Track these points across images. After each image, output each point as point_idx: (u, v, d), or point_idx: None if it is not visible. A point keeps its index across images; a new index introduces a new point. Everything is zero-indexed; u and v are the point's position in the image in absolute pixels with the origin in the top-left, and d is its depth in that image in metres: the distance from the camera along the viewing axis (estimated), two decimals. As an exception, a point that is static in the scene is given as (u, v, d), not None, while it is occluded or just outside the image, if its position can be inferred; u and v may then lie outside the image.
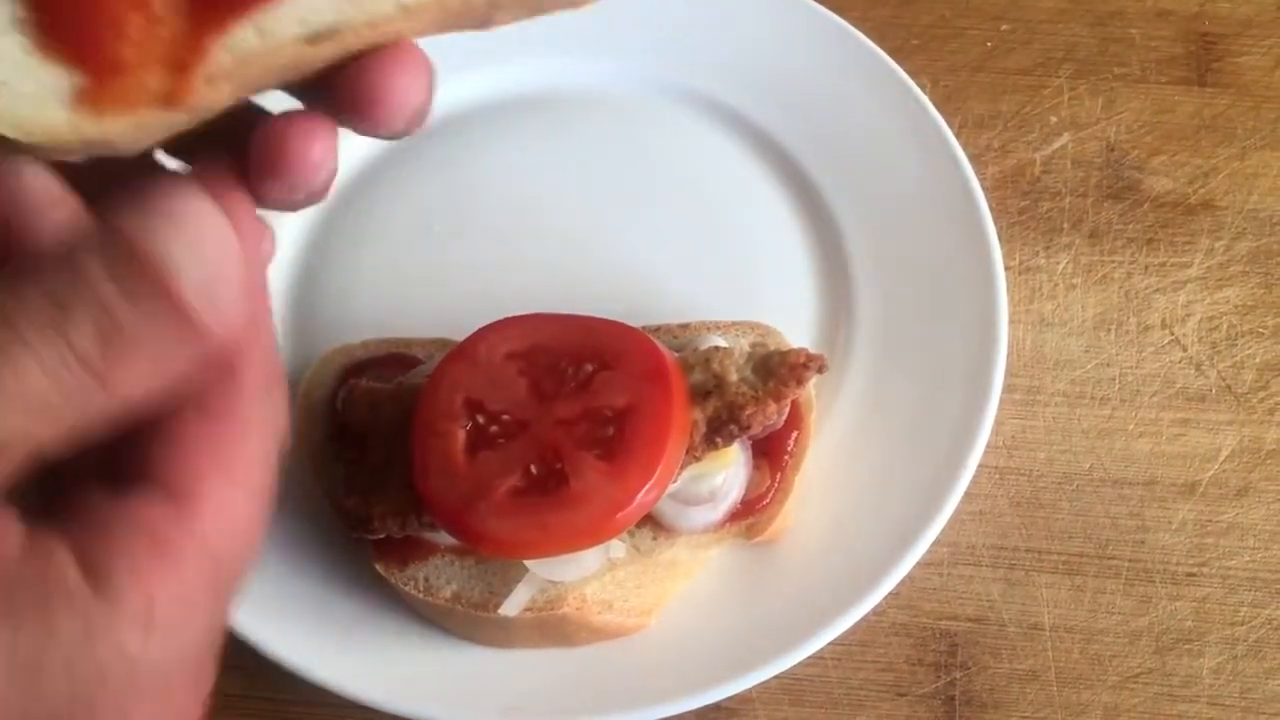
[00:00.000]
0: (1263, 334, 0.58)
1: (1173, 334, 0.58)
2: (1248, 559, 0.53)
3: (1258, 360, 0.57)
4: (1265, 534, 0.54)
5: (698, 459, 0.47)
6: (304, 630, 0.50)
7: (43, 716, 0.24)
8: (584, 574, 0.48)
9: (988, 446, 0.52)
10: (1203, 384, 0.57)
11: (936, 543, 0.50)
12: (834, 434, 0.54)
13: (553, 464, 0.46)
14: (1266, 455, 0.55)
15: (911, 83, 0.60)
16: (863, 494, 0.52)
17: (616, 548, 0.49)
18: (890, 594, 0.49)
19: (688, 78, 0.63)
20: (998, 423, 0.52)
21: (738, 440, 0.48)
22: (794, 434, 0.51)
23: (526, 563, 0.47)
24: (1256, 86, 0.65)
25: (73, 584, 0.24)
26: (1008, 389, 0.53)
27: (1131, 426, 0.56)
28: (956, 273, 0.56)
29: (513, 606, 0.48)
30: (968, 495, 0.51)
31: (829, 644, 0.48)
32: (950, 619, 0.52)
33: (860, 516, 0.51)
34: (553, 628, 0.49)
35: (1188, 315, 0.59)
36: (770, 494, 0.50)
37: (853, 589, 0.49)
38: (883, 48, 0.62)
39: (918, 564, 0.50)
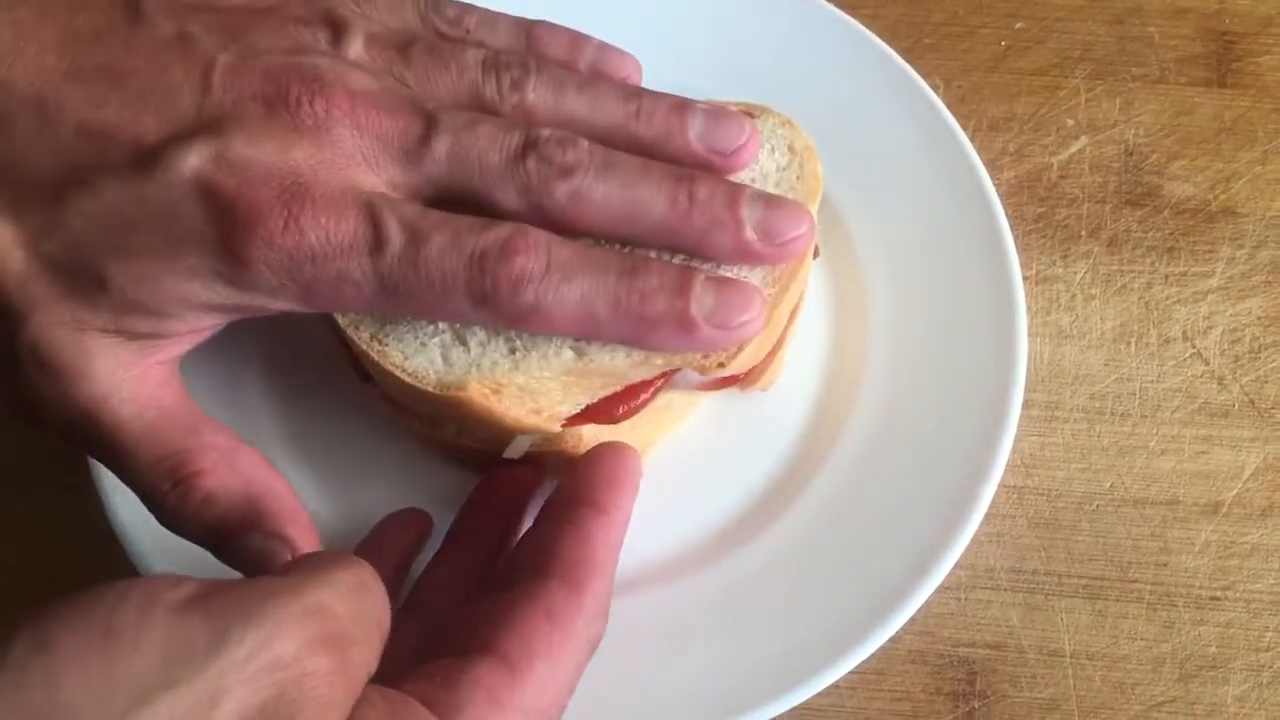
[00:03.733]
0: (1286, 347, 0.57)
1: (1194, 347, 0.57)
2: (1272, 582, 0.52)
3: (1281, 374, 0.56)
4: (1290, 556, 0.52)
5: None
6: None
7: None
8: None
9: (1005, 465, 0.50)
10: (1225, 399, 0.55)
11: (954, 566, 0.48)
12: (846, 453, 0.52)
13: None
14: (1291, 473, 0.54)
15: (926, 86, 0.58)
16: (877, 516, 0.50)
17: None
18: (907, 620, 0.48)
19: (693, 78, 0.61)
20: (1015, 440, 0.50)
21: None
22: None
23: None
24: (1278, 88, 0.63)
25: None
26: (1025, 404, 0.51)
27: (1153, 443, 0.54)
28: (972, 283, 0.54)
29: (516, 450, 0.49)
30: (985, 516, 0.49)
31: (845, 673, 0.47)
32: (968, 645, 0.51)
33: (876, 539, 0.50)
34: (550, 464, 0.51)
35: (1210, 327, 0.57)
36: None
37: (870, 616, 0.48)
38: (894, 47, 0.59)
39: (934, 588, 0.48)
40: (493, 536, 0.47)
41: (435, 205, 0.40)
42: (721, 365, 0.43)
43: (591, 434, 0.50)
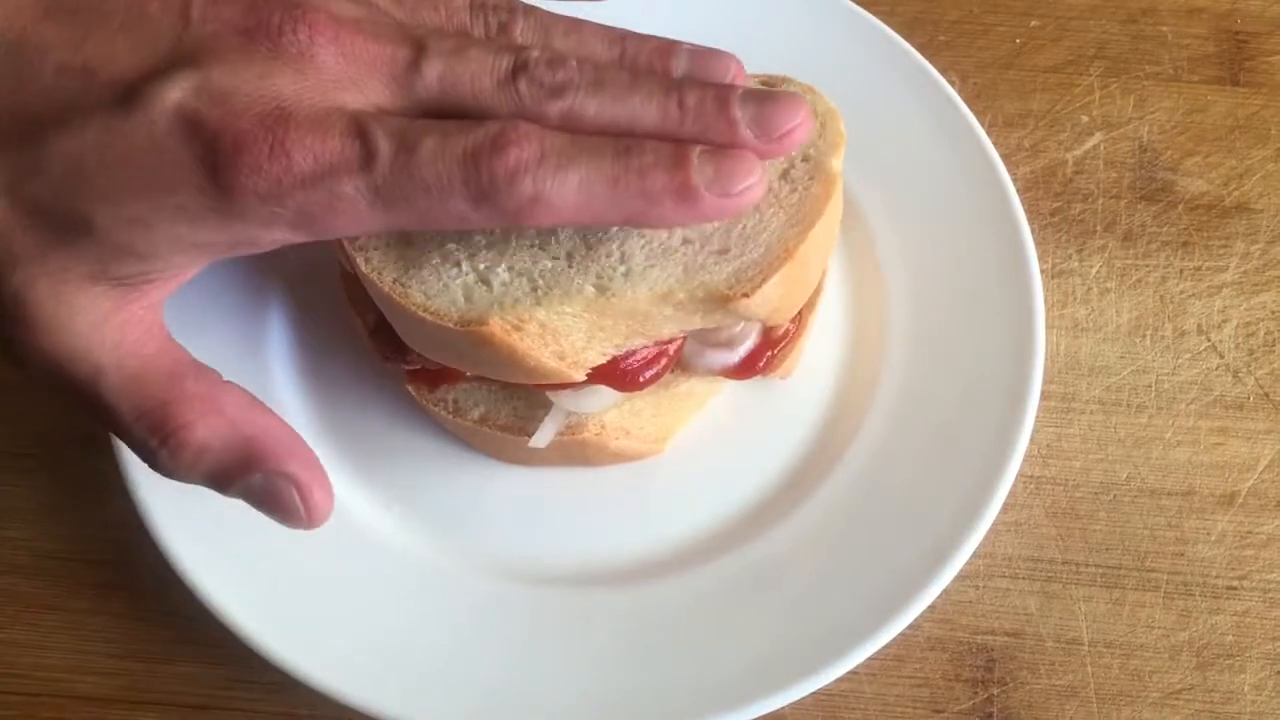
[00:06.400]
0: (1300, 341, 0.57)
1: (1209, 340, 0.57)
2: (1288, 572, 0.52)
3: (1296, 368, 0.56)
4: (1306, 546, 0.53)
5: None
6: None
7: None
8: (604, 405, 0.49)
9: (1023, 455, 0.50)
10: (1240, 392, 0.56)
11: (972, 555, 0.49)
12: (866, 442, 0.53)
13: None
14: (1306, 465, 0.54)
15: (944, 81, 0.58)
16: (897, 504, 0.51)
17: None
18: (926, 607, 0.48)
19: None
20: (1033, 431, 0.51)
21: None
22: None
23: (550, 395, 0.49)
24: (1291, 87, 0.63)
25: None
26: (1043, 396, 0.51)
27: (1169, 435, 0.55)
28: (991, 277, 0.54)
29: (542, 439, 0.50)
30: (1003, 506, 0.49)
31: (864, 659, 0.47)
32: (987, 633, 0.51)
33: (895, 527, 0.50)
34: (573, 451, 0.51)
35: (1224, 321, 0.57)
36: (789, 335, 0.51)
37: (890, 603, 0.48)
38: (910, 43, 0.60)
39: (953, 576, 0.48)
40: None
41: None
42: (745, 295, 0.44)
43: (615, 421, 0.51)
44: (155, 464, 0.37)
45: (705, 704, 0.47)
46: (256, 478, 0.37)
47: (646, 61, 0.41)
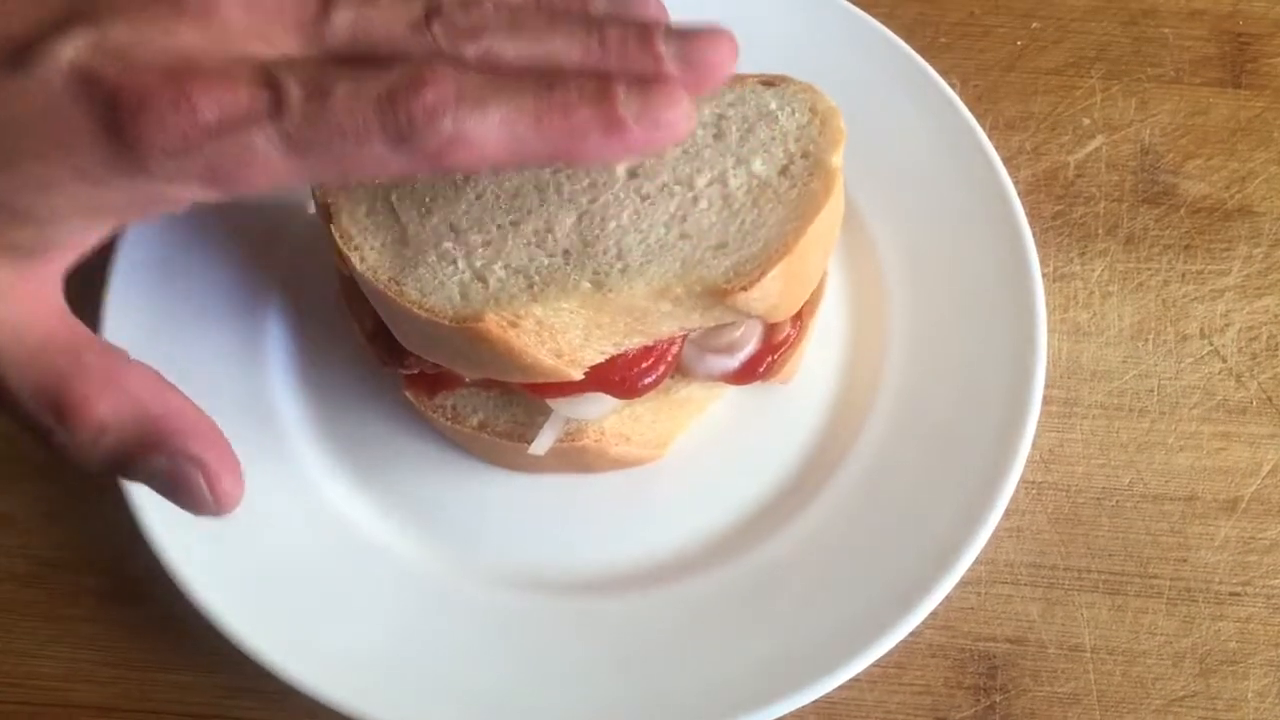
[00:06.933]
0: (1303, 344, 0.57)
1: (1212, 344, 0.57)
2: (1292, 577, 0.52)
3: (1299, 372, 0.56)
4: (1309, 552, 0.52)
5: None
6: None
7: None
8: (604, 412, 0.49)
9: (1025, 460, 0.50)
10: (1243, 396, 0.55)
11: (974, 560, 0.48)
12: (866, 447, 0.52)
13: None
14: (1309, 470, 0.54)
15: (944, 83, 0.58)
16: (898, 510, 0.51)
17: None
18: (927, 614, 0.48)
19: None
20: (1034, 436, 0.50)
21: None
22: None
23: (549, 401, 0.49)
24: (1293, 89, 0.63)
25: None
26: (1044, 400, 0.51)
27: (1171, 440, 0.55)
28: (992, 280, 0.54)
29: (541, 446, 0.49)
30: (1005, 511, 0.49)
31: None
32: (989, 640, 0.51)
33: (896, 534, 0.50)
34: (573, 457, 0.51)
35: (1227, 325, 0.57)
36: (789, 340, 0.50)
37: (891, 610, 0.48)
38: (910, 46, 0.60)
39: (955, 583, 0.48)
40: None
41: None
42: (744, 289, 0.43)
43: (615, 427, 0.51)
44: (52, 444, 0.35)
45: (706, 713, 0.46)
46: (160, 460, 0.35)
47: (564, 3, 0.39)
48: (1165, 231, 0.59)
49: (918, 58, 0.59)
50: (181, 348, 0.54)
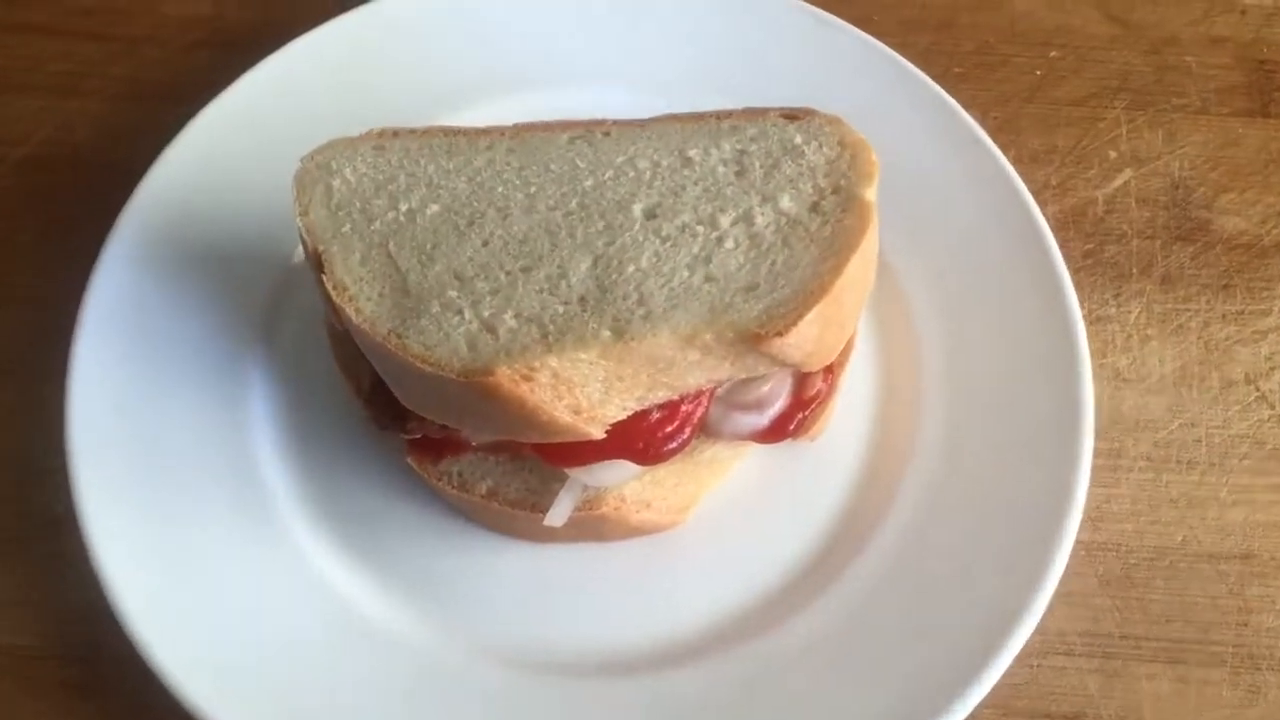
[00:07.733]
0: (1353, 388, 0.54)
1: (1258, 389, 0.54)
2: (1358, 640, 0.48)
3: (1350, 418, 0.53)
4: (1376, 612, 0.49)
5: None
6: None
7: None
8: (624, 478, 0.46)
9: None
10: (1295, 445, 0.52)
11: (1026, 631, 0.45)
12: (904, 508, 0.49)
13: None
14: (1369, 523, 0.51)
15: (970, 118, 0.55)
16: (942, 579, 0.47)
17: None
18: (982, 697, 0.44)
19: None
20: (1081, 492, 0.47)
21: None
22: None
23: (566, 469, 0.45)
24: (1324, 118, 0.61)
25: None
26: (1089, 454, 0.48)
27: (1223, 494, 0.51)
28: (1030, 325, 0.51)
29: (558, 517, 0.46)
30: (1055, 575, 0.45)
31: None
32: (1044, 717, 0.47)
33: (943, 606, 0.46)
34: (590, 526, 0.47)
35: (1272, 368, 0.54)
36: (820, 394, 0.47)
37: (940, 692, 0.44)
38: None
39: (1012, 659, 0.44)
40: None
41: None
42: (779, 334, 0.40)
43: (636, 493, 0.46)
44: None
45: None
46: None
47: None
48: (1202, 270, 0.56)
49: (943, 93, 0.56)
50: (156, 412, 0.49)
